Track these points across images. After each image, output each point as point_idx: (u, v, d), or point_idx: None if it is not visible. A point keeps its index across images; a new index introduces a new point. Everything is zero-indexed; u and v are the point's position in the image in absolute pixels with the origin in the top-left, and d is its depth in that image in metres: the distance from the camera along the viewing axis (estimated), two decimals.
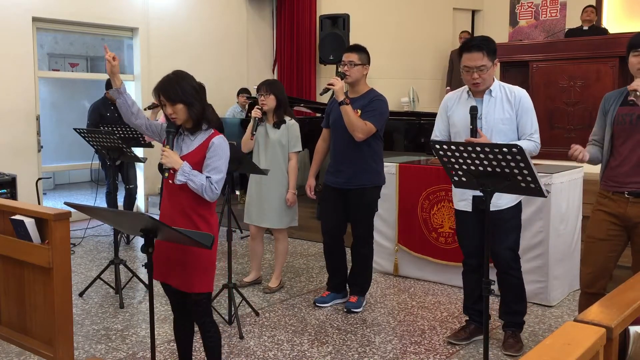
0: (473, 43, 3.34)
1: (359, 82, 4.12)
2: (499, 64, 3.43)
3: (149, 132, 2.91)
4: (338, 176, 4.17)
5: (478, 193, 3.28)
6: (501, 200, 3.41)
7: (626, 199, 3.07)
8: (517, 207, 3.54)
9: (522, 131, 3.39)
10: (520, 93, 3.42)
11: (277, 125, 4.44)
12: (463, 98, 3.49)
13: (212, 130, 2.77)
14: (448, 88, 9.29)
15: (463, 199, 3.52)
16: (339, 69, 4.21)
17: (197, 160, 2.71)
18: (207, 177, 2.67)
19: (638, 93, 2.89)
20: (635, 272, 3.08)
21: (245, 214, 4.63)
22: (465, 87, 3.50)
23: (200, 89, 2.75)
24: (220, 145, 2.73)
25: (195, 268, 2.73)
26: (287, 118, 4.46)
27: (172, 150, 2.74)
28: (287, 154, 4.46)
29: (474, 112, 3.22)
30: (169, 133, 2.76)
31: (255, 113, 4.34)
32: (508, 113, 3.37)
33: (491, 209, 3.39)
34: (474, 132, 3.21)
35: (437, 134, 3.61)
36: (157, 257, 2.78)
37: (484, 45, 3.31)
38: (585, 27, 7.64)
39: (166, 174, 2.69)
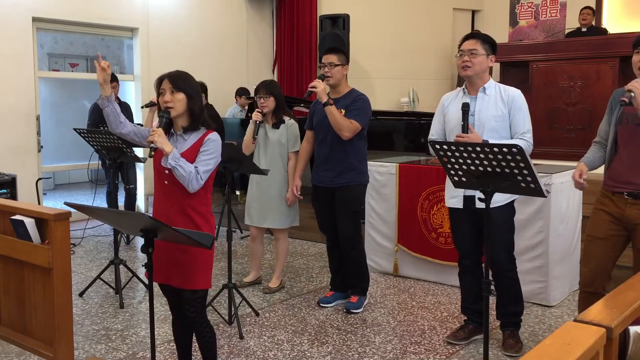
0: (471, 33, 3.57)
1: (340, 82, 4.15)
2: (494, 61, 3.54)
3: (137, 138, 2.87)
4: (323, 175, 4.20)
5: (469, 192, 3.33)
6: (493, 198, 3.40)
7: (625, 199, 3.04)
8: (510, 207, 3.52)
9: (514, 130, 3.42)
10: (514, 92, 3.47)
11: (276, 125, 4.44)
12: (459, 96, 3.58)
13: (206, 129, 2.78)
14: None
15: (454, 196, 3.54)
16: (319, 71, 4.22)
17: (191, 160, 2.70)
18: (195, 166, 2.68)
19: (632, 94, 2.83)
20: (635, 272, 3.08)
21: (246, 215, 4.63)
22: (462, 87, 3.59)
23: (201, 91, 2.77)
24: (215, 142, 2.74)
25: (194, 265, 2.74)
26: (285, 118, 4.47)
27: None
28: (286, 153, 4.47)
29: (465, 108, 3.29)
30: (163, 117, 2.73)
31: (256, 116, 4.31)
32: (501, 111, 3.42)
33: (480, 207, 3.40)
34: (464, 128, 3.27)
35: (434, 132, 3.68)
36: (156, 259, 2.78)
37: (480, 35, 3.51)
38: (584, 29, 7.64)
39: (152, 153, 2.69)
